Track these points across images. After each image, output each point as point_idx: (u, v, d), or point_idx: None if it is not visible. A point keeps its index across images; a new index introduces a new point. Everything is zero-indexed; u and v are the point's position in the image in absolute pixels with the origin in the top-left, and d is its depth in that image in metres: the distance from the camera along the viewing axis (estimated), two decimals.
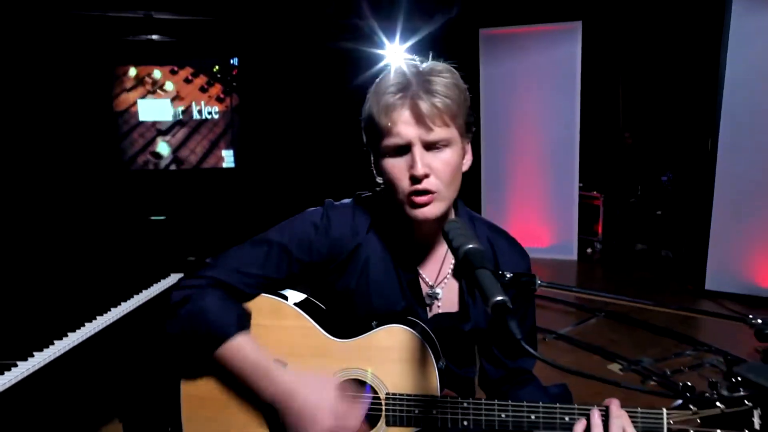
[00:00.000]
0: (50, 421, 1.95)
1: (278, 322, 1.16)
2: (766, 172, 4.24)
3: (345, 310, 1.19)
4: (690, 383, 1.18)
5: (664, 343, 3.64)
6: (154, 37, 5.41)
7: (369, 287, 1.17)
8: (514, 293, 1.17)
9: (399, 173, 1.06)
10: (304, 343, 1.15)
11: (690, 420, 1.04)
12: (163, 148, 5.78)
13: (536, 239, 5.77)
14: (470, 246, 0.89)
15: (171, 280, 2.52)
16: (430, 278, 1.20)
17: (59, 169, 4.58)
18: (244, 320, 1.12)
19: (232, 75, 5.82)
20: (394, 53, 5.57)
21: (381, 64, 5.65)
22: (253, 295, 1.16)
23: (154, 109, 5.71)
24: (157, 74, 5.66)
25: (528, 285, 1.13)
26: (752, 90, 4.21)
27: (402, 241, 1.18)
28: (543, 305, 4.33)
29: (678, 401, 1.06)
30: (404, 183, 1.05)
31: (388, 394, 1.12)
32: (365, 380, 1.13)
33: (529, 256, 1.26)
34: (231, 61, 5.79)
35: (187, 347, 1.13)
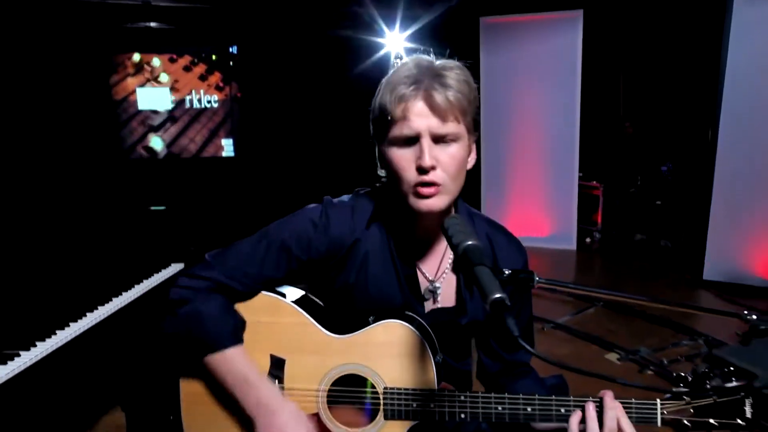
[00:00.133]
0: (53, 410, 1.97)
1: (276, 319, 1.17)
2: (765, 164, 4.25)
3: (344, 305, 1.20)
4: (684, 373, 1.20)
5: (661, 333, 3.67)
6: (153, 24, 5.36)
7: (367, 281, 1.18)
8: (512, 290, 1.18)
9: (406, 164, 1.06)
10: (302, 339, 1.16)
11: (683, 410, 1.07)
12: (156, 143, 5.76)
13: (536, 229, 5.78)
14: (469, 243, 0.90)
15: (171, 269, 2.53)
16: (429, 273, 1.21)
17: (58, 158, 4.57)
18: (239, 331, 1.15)
19: (231, 63, 5.79)
20: (394, 41, 5.55)
21: (381, 53, 5.63)
22: (252, 294, 1.17)
23: (153, 98, 5.68)
24: (156, 62, 5.62)
25: (526, 282, 1.14)
26: (753, 82, 4.21)
27: (402, 235, 1.19)
28: (541, 294, 4.34)
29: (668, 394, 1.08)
30: (410, 173, 1.06)
31: (386, 388, 1.14)
32: (363, 375, 1.15)
33: (529, 245, 1.28)
34: (230, 50, 5.75)
35: (180, 347, 1.16)
